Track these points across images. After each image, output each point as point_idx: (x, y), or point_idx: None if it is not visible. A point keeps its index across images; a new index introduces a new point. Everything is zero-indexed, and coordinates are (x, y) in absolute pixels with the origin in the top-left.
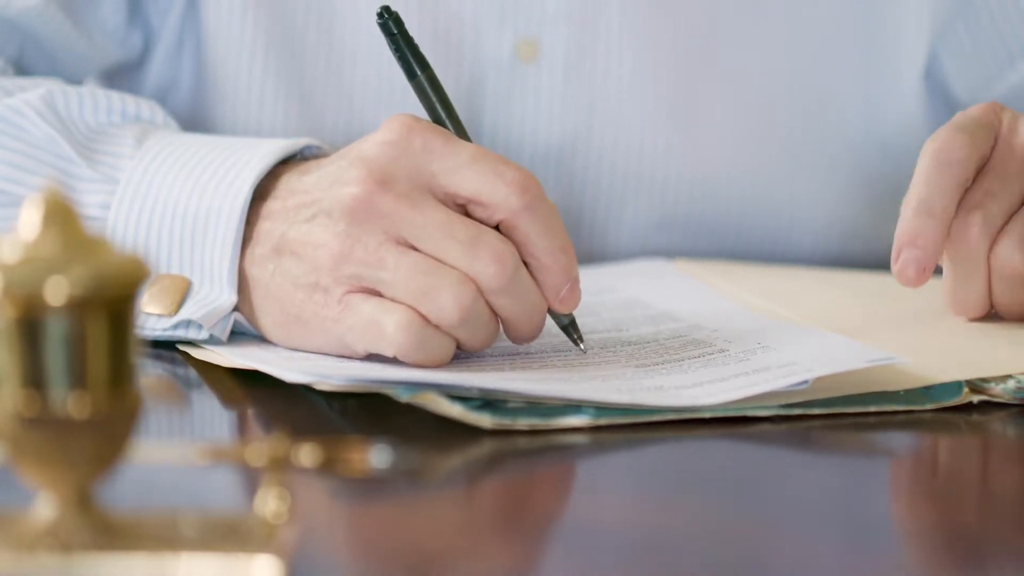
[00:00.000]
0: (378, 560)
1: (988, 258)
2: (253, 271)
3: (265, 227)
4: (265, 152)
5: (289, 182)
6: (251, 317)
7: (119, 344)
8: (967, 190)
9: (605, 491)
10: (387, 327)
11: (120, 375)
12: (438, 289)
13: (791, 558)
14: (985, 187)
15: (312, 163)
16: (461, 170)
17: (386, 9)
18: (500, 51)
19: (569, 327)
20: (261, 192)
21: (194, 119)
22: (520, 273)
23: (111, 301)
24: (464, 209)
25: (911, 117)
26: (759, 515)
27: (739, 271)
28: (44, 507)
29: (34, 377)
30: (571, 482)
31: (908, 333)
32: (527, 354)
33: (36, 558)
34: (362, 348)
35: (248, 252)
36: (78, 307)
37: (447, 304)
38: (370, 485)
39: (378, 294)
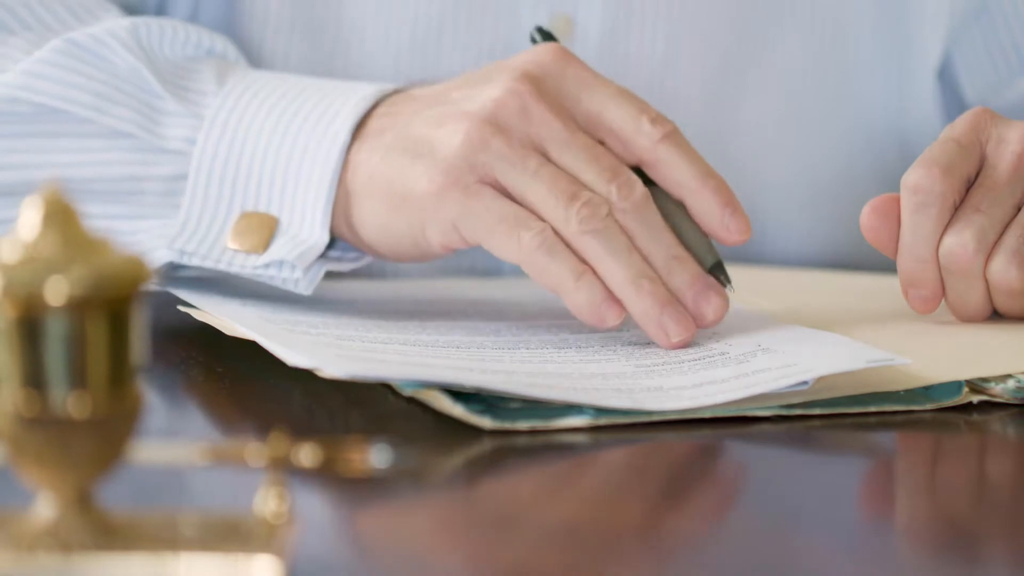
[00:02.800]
0: (378, 560)
1: (984, 273)
2: (360, 157)
3: (369, 143)
4: (361, 96)
5: (393, 104)
6: (348, 213)
7: (119, 344)
8: (959, 207)
9: (605, 491)
10: (519, 231)
11: (120, 375)
12: (574, 199)
13: (791, 558)
14: (975, 203)
15: (416, 92)
16: (607, 101)
17: None
18: (535, 25)
19: (715, 268)
20: (361, 127)
21: None
22: (651, 206)
23: (111, 301)
24: (602, 143)
25: (929, 115)
26: (759, 515)
27: (740, 272)
28: (44, 507)
29: (34, 377)
30: (571, 482)
31: (908, 333)
32: (527, 348)
33: (36, 558)
34: (474, 241)
35: (355, 146)
36: (78, 307)
37: (581, 212)
38: (370, 485)
39: (503, 190)
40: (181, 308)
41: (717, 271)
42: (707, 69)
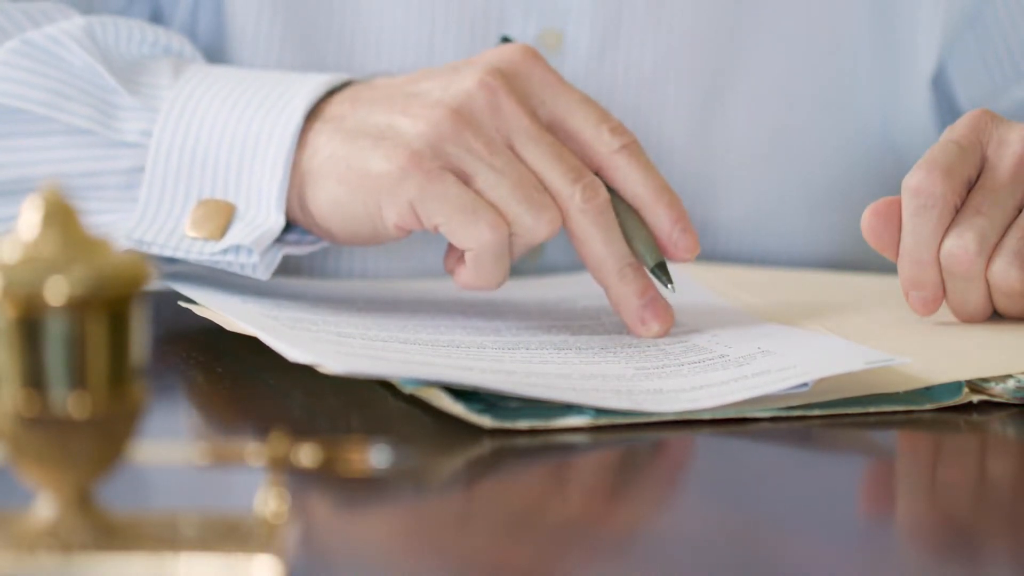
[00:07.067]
0: (378, 560)
1: (986, 275)
2: (319, 140)
3: (330, 124)
4: (316, 83)
5: (355, 92)
6: (303, 194)
7: (119, 344)
8: (959, 210)
9: (605, 491)
10: (480, 223)
11: (120, 375)
12: (540, 208)
13: (791, 558)
14: (975, 205)
15: (380, 79)
16: (571, 107)
17: None
18: (524, 40)
19: (657, 268)
20: (309, 117)
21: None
22: (611, 212)
23: (111, 301)
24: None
25: (924, 123)
26: (759, 515)
27: (740, 274)
28: (44, 507)
29: (34, 377)
30: (571, 482)
31: (908, 333)
32: (526, 348)
33: (36, 558)
34: (431, 224)
35: (315, 128)
36: (78, 307)
37: (540, 226)
38: (370, 485)
39: (466, 179)
40: (182, 304)
41: (660, 271)
42: (697, 81)
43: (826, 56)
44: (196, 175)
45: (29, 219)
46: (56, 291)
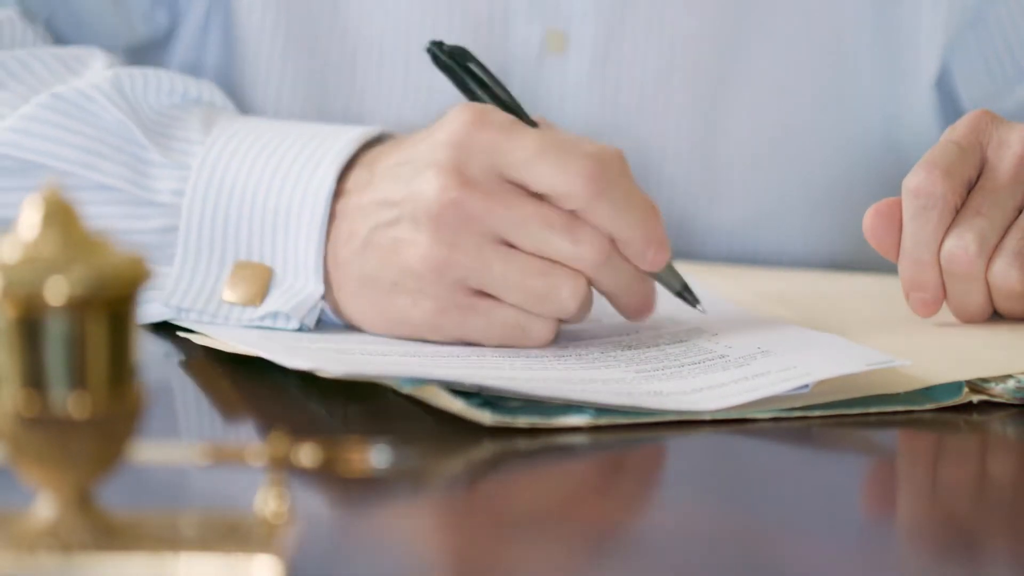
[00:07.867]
0: (378, 560)
1: (986, 276)
2: (339, 274)
3: (345, 228)
4: (344, 143)
5: (361, 176)
6: (341, 313)
7: (119, 344)
8: (959, 211)
9: (605, 491)
10: (530, 337)
11: (120, 375)
12: (556, 289)
13: (791, 558)
14: (976, 206)
15: (381, 152)
16: (529, 164)
17: (436, 45)
18: (529, 41)
19: (682, 292)
20: (339, 181)
21: None
22: (614, 250)
23: (111, 301)
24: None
25: (927, 125)
26: (759, 515)
27: (740, 274)
28: (44, 507)
29: (34, 377)
30: (571, 482)
31: (908, 334)
32: (527, 355)
33: (36, 558)
34: (496, 344)
35: (331, 252)
36: (78, 307)
37: (567, 302)
38: (370, 485)
39: (485, 292)
40: (180, 334)
41: (685, 293)
42: (700, 80)
43: (828, 57)
44: (231, 237)
45: (29, 219)
46: (56, 291)
